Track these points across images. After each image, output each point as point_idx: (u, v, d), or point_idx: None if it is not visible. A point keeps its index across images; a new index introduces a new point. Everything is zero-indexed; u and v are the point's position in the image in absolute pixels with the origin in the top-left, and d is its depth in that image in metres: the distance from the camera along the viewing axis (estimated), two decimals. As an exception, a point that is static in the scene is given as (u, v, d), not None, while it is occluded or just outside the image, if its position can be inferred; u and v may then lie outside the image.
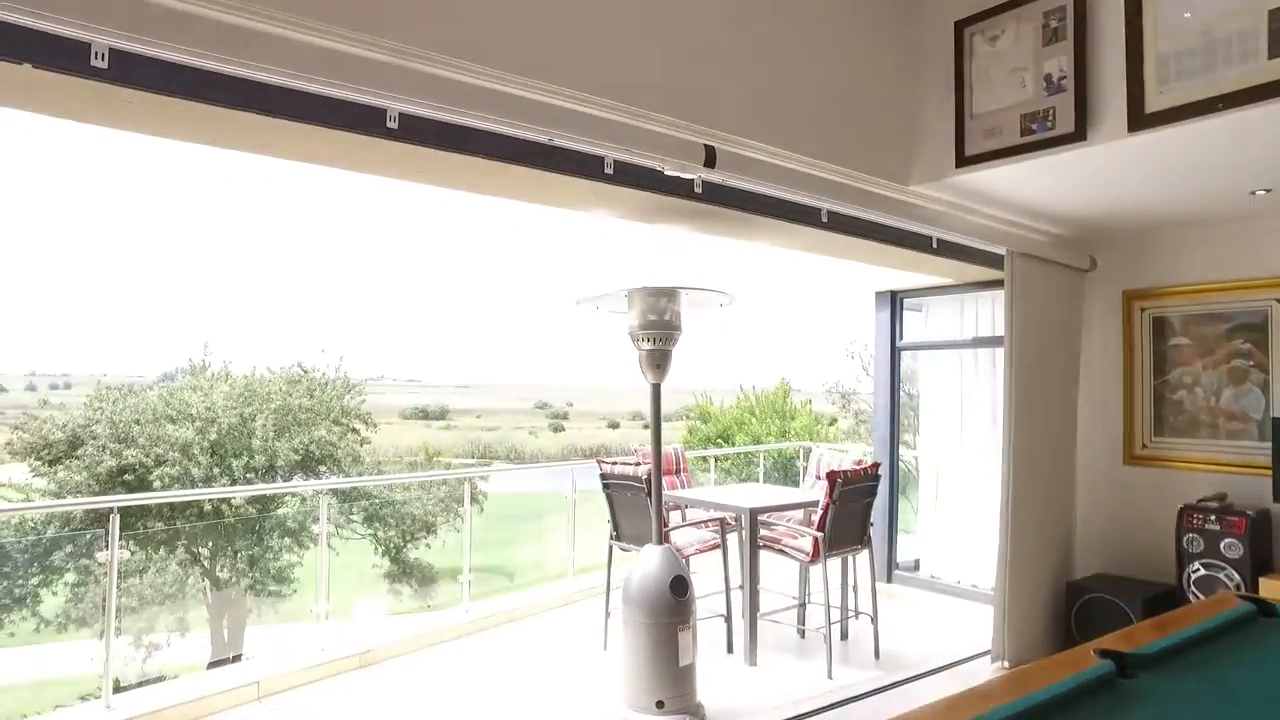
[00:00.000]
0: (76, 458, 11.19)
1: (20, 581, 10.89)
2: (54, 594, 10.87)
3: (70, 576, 10.57)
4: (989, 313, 5.70)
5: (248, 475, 11.44)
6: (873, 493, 4.72)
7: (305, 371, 13.41)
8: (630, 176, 2.91)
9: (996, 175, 3.41)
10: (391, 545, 12.39)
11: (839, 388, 23.94)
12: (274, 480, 11.63)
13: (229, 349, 13.80)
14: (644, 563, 3.81)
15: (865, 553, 4.80)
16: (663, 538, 3.87)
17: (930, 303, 6.08)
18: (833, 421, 20.05)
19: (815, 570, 4.92)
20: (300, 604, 12.23)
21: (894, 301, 6.17)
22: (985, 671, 4.33)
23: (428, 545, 13.16)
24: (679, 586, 3.71)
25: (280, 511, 11.55)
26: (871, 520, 4.79)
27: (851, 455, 6.22)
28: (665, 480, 4.97)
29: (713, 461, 8.89)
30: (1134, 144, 2.88)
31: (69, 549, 10.83)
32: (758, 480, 10.85)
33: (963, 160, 3.36)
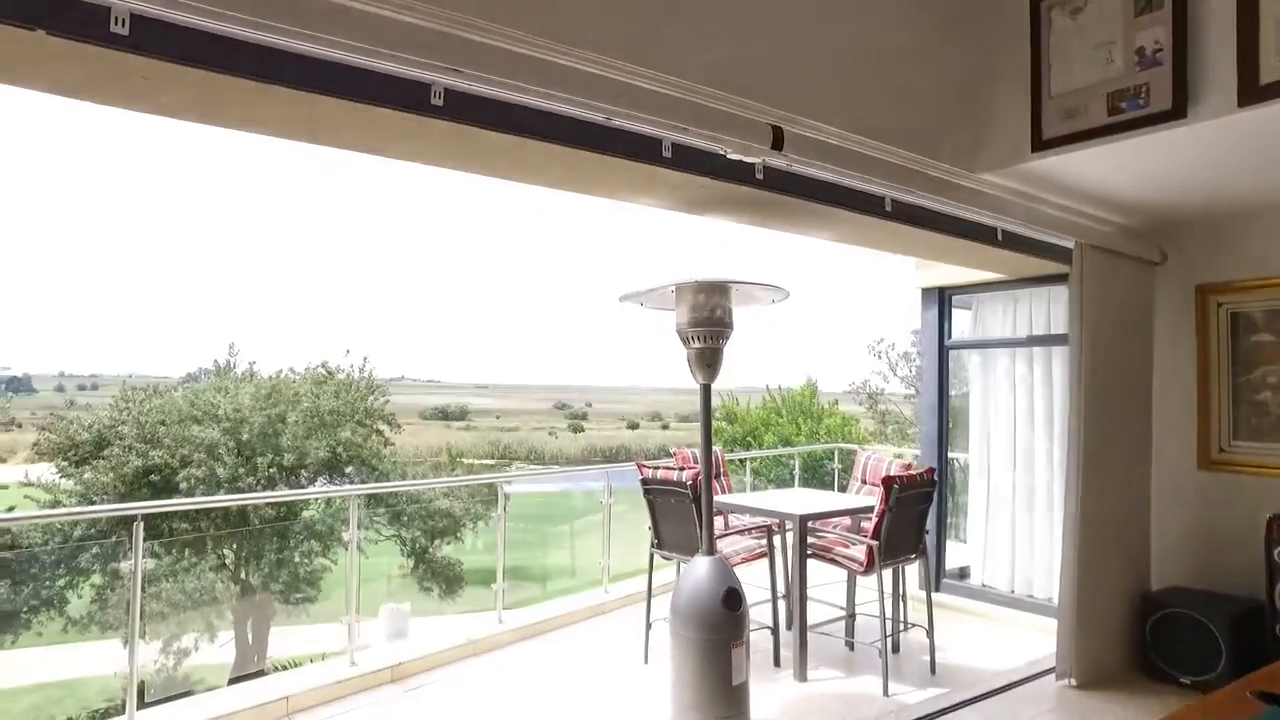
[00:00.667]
0: (103, 458, 11.16)
1: (48, 583, 10.87)
2: (79, 596, 10.84)
3: (96, 579, 10.54)
4: (1043, 310, 5.44)
5: (271, 472, 11.37)
6: (929, 499, 4.48)
7: (330, 373, 13.35)
8: (689, 161, 2.69)
9: (1074, 160, 3.17)
10: (417, 546, 12.27)
11: (866, 388, 23.64)
12: (300, 481, 11.54)
13: (252, 349, 13.81)
14: (693, 574, 3.59)
15: (917, 562, 4.57)
16: (713, 547, 3.65)
17: (980, 299, 5.82)
18: (854, 422, 19.72)
19: (862, 580, 4.71)
20: (328, 609, 12.15)
21: (942, 299, 5.91)
22: (1052, 691, 4.07)
23: (450, 544, 13.03)
24: (732, 600, 3.49)
25: (307, 514, 11.45)
26: (927, 528, 4.55)
27: (895, 458, 5.95)
28: (664, 477, 4.73)
29: (747, 465, 8.62)
30: (1243, 120, 2.62)
31: (95, 550, 10.78)
32: (792, 483, 10.61)
33: (1040, 144, 3.12)
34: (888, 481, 4.20)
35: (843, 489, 8.16)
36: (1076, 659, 4.01)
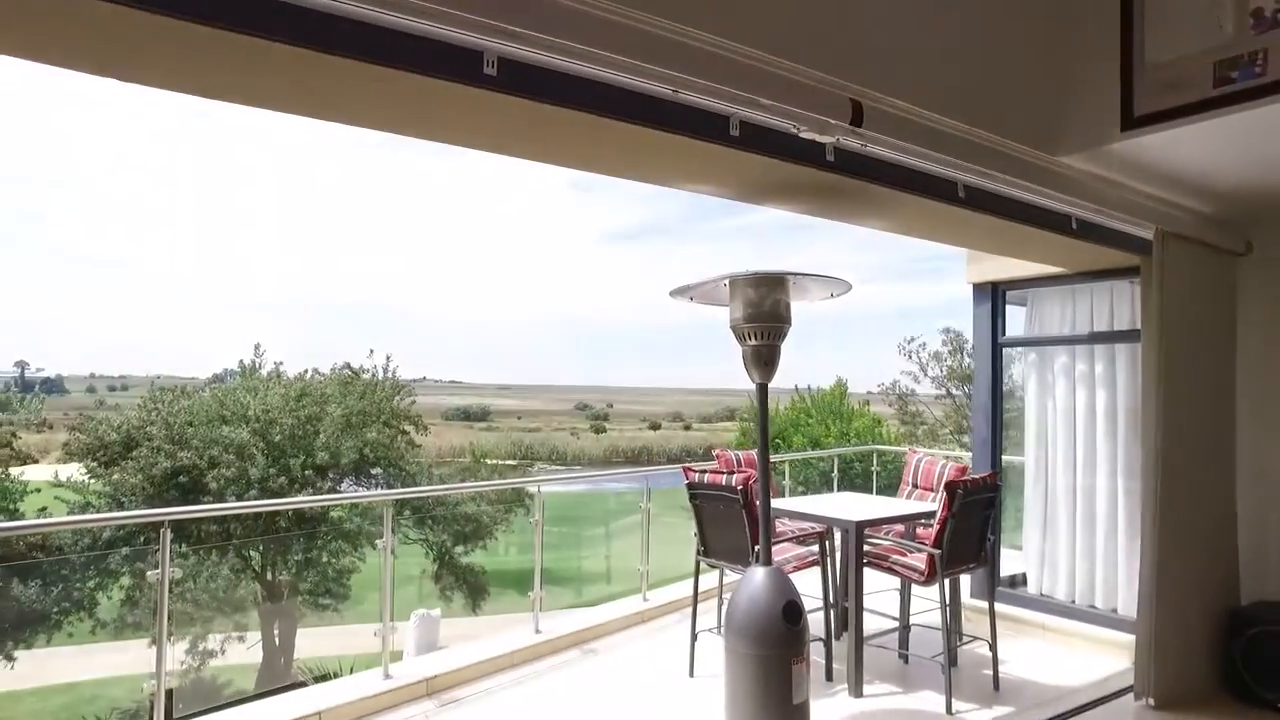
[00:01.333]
0: (131, 459, 11.13)
1: (78, 585, 10.86)
2: (109, 598, 10.82)
3: (125, 580, 10.51)
4: (1105, 305, 5.15)
5: (307, 474, 11.26)
6: (993, 504, 4.23)
7: (356, 373, 13.25)
8: (757, 141, 2.48)
9: (1168, 139, 2.92)
10: (444, 549, 12.15)
11: (895, 388, 23.28)
12: (328, 482, 11.44)
13: (276, 350, 13.75)
14: (749, 586, 3.37)
15: (977, 571, 4.32)
16: (770, 557, 3.43)
17: (1036, 295, 5.54)
18: (883, 423, 19.38)
19: (917, 589, 4.47)
20: (356, 610, 12.05)
21: (995, 294, 5.64)
22: (1130, 711, 3.81)
23: (476, 550, 12.88)
24: (792, 613, 3.27)
25: (334, 514, 11.35)
26: (990, 535, 4.29)
27: (948, 461, 5.68)
28: (712, 480, 4.50)
29: (786, 468, 8.38)
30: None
31: (125, 552, 10.75)
32: (826, 486, 10.34)
33: (1132, 121, 2.87)
34: (951, 486, 3.96)
35: (881, 492, 7.92)
36: (1155, 677, 3.75)
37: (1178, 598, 3.77)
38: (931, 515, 4.56)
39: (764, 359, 3.41)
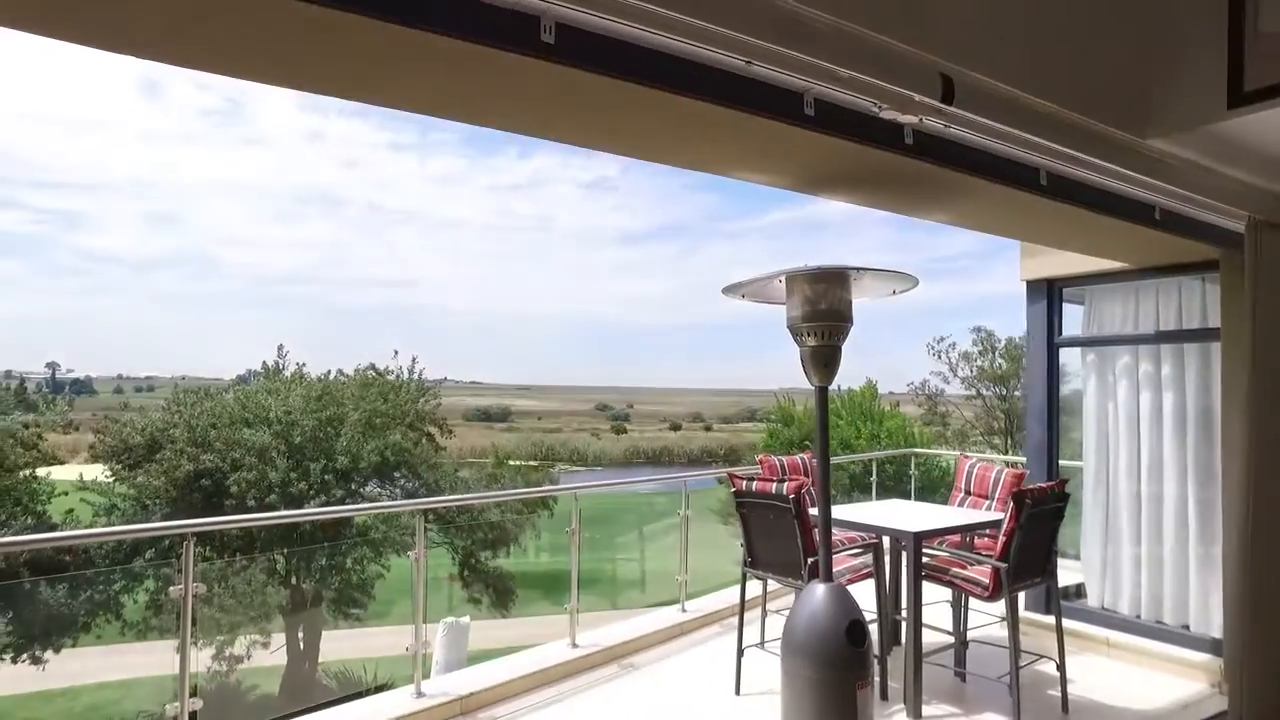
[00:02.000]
0: (155, 461, 11.05)
1: (103, 588, 10.82)
2: (135, 601, 10.77)
3: (150, 584, 10.44)
4: (1173, 302, 4.86)
5: (326, 478, 11.13)
6: (1061, 515, 3.97)
7: (379, 374, 13.11)
8: (832, 120, 2.25)
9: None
10: (469, 553, 11.98)
11: (925, 389, 22.92)
12: (351, 485, 11.30)
13: (299, 351, 13.64)
14: (809, 603, 3.13)
15: (1042, 585, 4.06)
16: (831, 572, 3.19)
17: (1095, 293, 5.25)
18: (915, 425, 19.01)
19: (975, 603, 4.21)
20: (380, 611, 11.92)
21: (1051, 291, 5.36)
22: (1218, 738, 3.54)
23: (502, 556, 12.72)
24: (857, 634, 3.03)
25: (359, 520, 11.20)
26: (1056, 547, 4.03)
27: (1005, 466, 5.41)
28: (760, 489, 4.25)
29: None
30: None
31: (150, 554, 10.68)
32: (866, 492, 10.06)
33: (1240, 98, 2.60)
34: (1019, 496, 3.70)
35: (918, 496, 7.63)
36: (1248, 703, 3.47)
37: (1274, 614, 3.48)
38: (990, 525, 4.31)
39: (824, 360, 3.18)
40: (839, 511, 4.67)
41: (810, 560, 3.84)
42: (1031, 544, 3.80)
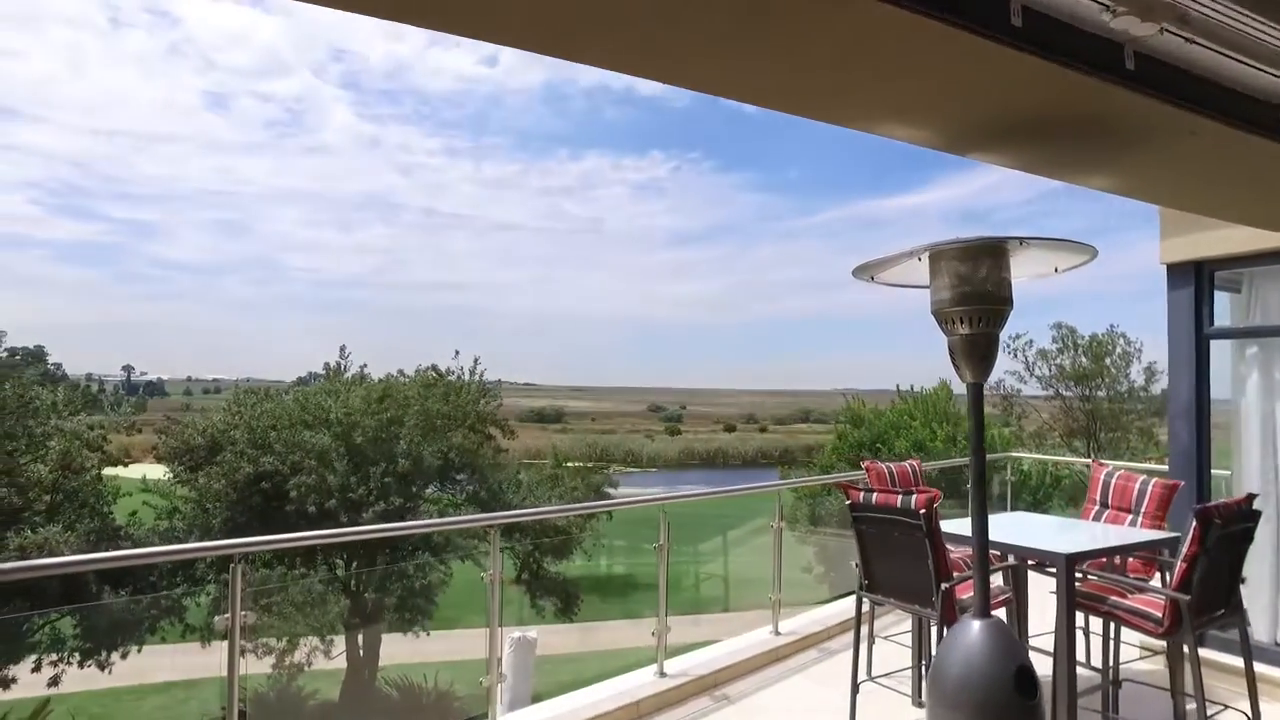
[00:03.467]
0: (216, 464, 10.92)
1: (167, 591, 10.74)
2: (198, 604, 10.65)
3: (212, 589, 10.31)
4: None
5: (386, 481, 10.83)
6: (1249, 537, 3.34)
7: (440, 374, 12.82)
8: (1041, 34, 1.72)
9: None
10: (530, 560, 11.61)
11: (1000, 388, 21.86)
12: (412, 490, 10.99)
13: (359, 353, 13.43)
14: (963, 643, 2.59)
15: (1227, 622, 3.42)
16: (988, 605, 2.64)
17: (1257, 275, 4.58)
18: (995, 427, 18.04)
19: (1128, 634, 3.61)
20: (442, 616, 11.64)
21: (1200, 275, 4.69)
22: None
23: (564, 561, 12.34)
24: (1026, 683, 2.48)
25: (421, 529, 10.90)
26: (1244, 575, 3.40)
27: (1140, 477, 4.74)
28: (882, 501, 3.69)
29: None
30: None
31: (210, 559, 10.55)
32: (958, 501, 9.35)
33: None
34: (1205, 514, 3.09)
35: (1014, 506, 7.01)
36: None
37: None
38: (1155, 545, 3.71)
39: (979, 351, 2.63)
40: (954, 527, 4.09)
41: (945, 586, 3.30)
42: (1217, 571, 3.19)
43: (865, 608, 3.84)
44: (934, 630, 3.40)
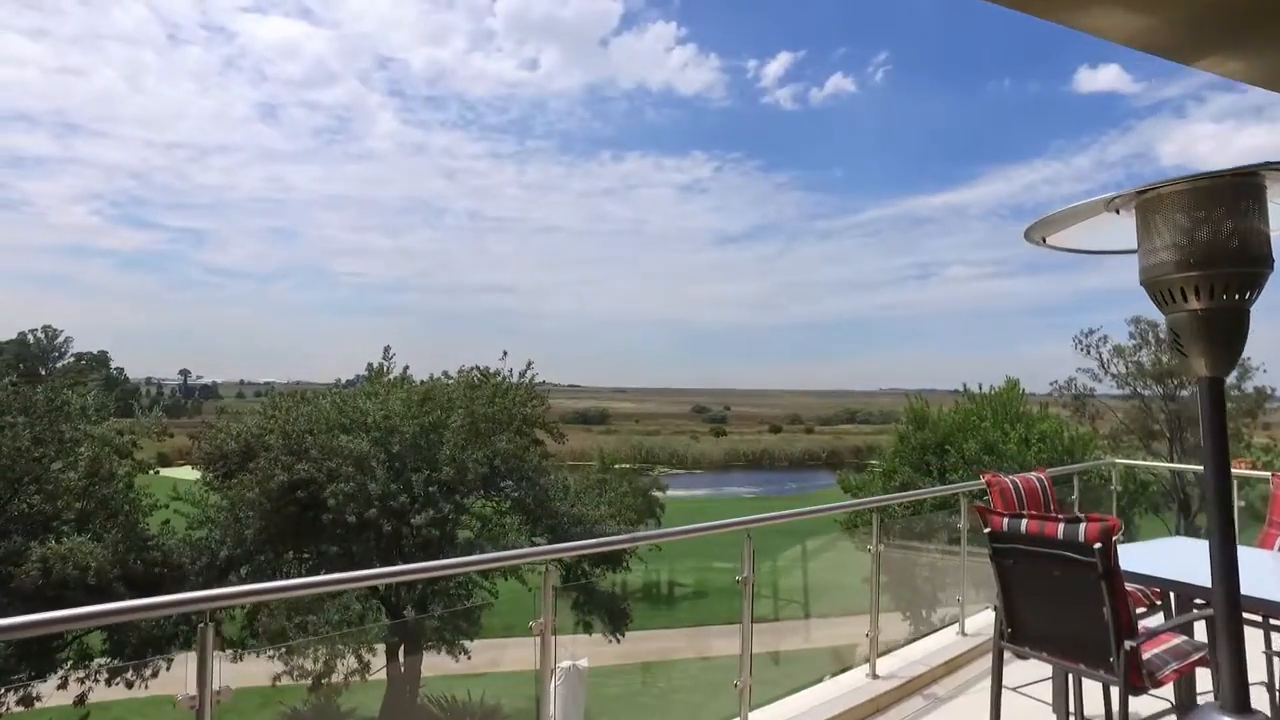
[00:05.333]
0: (250, 471, 10.42)
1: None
2: (232, 618, 10.22)
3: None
4: None
5: (430, 490, 10.21)
6: None
7: (486, 376, 12.21)
8: None
9: None
10: (577, 571, 10.95)
11: (1072, 387, 20.62)
12: (455, 499, 10.35)
13: (404, 355, 12.90)
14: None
15: None
16: (1245, 695, 1.88)
17: None
18: (1070, 428, 16.88)
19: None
20: (483, 630, 11.09)
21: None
22: None
23: (613, 572, 11.69)
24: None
25: (463, 534, 10.30)
26: None
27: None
28: (1036, 530, 2.91)
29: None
30: None
31: (245, 570, 10.10)
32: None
33: None
34: None
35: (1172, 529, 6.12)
36: None
37: None
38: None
39: (1221, 332, 1.85)
40: (1135, 558, 3.30)
41: (1129, 646, 2.53)
42: None
43: (1005, 656, 3.08)
44: (1115, 693, 2.63)
